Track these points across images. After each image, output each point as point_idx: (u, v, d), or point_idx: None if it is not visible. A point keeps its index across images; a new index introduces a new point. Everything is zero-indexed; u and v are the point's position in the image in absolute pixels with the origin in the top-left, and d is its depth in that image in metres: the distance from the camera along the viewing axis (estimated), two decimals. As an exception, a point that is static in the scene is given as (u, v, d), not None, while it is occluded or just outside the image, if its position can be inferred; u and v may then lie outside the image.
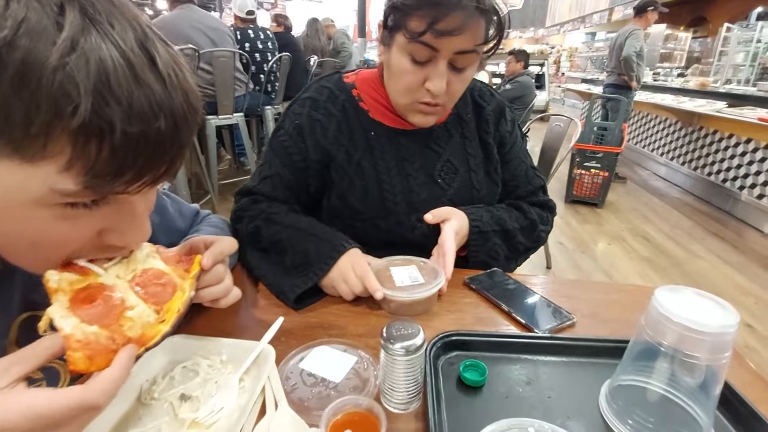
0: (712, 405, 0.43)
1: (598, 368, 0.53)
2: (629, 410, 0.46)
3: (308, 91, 0.83)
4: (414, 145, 0.82)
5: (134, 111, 0.30)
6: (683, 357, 0.42)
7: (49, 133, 0.29)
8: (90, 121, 0.29)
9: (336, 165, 0.80)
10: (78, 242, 0.37)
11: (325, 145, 0.79)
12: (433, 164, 0.82)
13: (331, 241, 0.71)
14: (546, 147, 2.48)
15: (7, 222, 0.33)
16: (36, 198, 0.31)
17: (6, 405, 0.31)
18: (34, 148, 0.29)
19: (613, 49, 3.85)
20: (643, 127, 4.88)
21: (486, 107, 0.87)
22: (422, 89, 0.70)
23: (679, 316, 0.39)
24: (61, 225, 0.34)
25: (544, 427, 0.40)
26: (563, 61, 11.59)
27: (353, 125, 0.81)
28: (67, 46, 0.28)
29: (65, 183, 0.31)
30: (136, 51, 0.31)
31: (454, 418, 0.46)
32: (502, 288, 0.71)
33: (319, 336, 0.58)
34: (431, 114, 0.75)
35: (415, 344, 0.44)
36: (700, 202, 3.72)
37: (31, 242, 0.35)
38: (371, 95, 0.82)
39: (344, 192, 0.80)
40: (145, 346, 0.38)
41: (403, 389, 0.46)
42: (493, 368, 0.53)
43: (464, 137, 0.85)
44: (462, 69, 0.70)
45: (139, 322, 0.38)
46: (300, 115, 0.81)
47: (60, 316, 0.35)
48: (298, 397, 0.49)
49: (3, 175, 0.30)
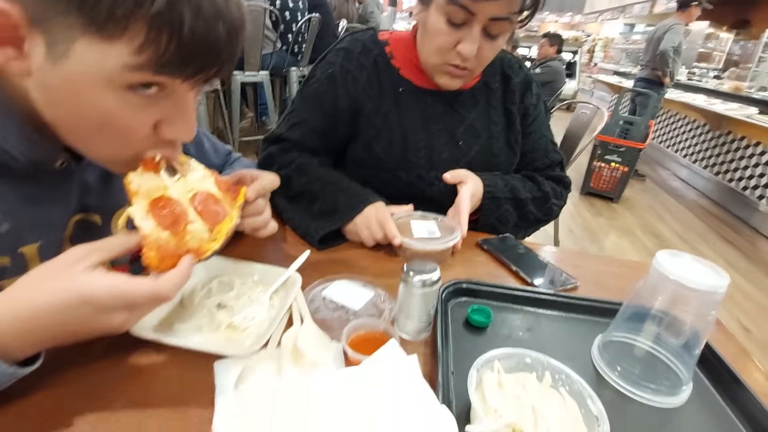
0: (693, 362, 0.48)
1: (593, 325, 0.58)
2: (618, 360, 0.51)
3: (342, 43, 0.87)
4: (440, 106, 0.85)
5: (201, 13, 0.35)
6: (672, 318, 0.47)
7: (129, 17, 0.33)
8: (164, 13, 0.34)
9: (364, 115, 0.84)
10: (138, 133, 0.41)
11: (355, 96, 0.83)
12: (456, 126, 0.85)
13: (359, 194, 0.76)
14: (569, 134, 2.46)
15: (79, 102, 0.38)
16: (108, 76, 0.36)
17: (92, 280, 0.37)
18: (115, 29, 0.34)
19: (651, 42, 3.74)
20: (670, 126, 4.77)
21: (514, 78, 0.89)
22: (453, 51, 0.73)
23: (675, 274, 0.44)
24: (126, 110, 0.39)
25: (541, 359, 0.45)
26: (597, 51, 11.20)
27: (383, 79, 0.84)
28: None
29: (137, 60, 0.35)
30: None
31: (459, 350, 0.52)
32: (512, 251, 0.76)
33: (340, 272, 0.64)
34: (458, 77, 0.78)
35: (431, 279, 0.49)
36: (716, 206, 3.68)
37: (98, 124, 0.39)
38: (404, 54, 0.85)
39: (370, 142, 0.84)
40: (198, 258, 0.43)
41: (416, 319, 0.51)
42: (498, 315, 0.58)
43: (489, 104, 0.88)
44: (494, 36, 0.72)
45: (196, 237, 0.44)
46: (333, 65, 0.84)
47: (140, 217, 0.41)
48: (321, 317, 0.54)
49: (83, 51, 0.35)
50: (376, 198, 0.76)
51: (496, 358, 0.45)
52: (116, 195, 0.56)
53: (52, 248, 0.48)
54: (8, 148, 0.40)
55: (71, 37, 0.34)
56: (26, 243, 0.45)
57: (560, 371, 0.44)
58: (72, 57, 0.35)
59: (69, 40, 0.34)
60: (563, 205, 0.95)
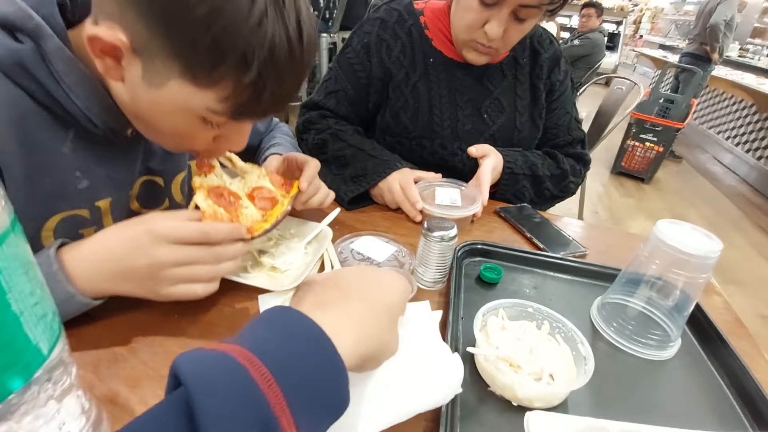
0: (682, 321, 0.53)
1: (594, 288, 0.63)
2: (614, 319, 0.56)
3: (378, 12, 0.90)
4: (468, 79, 0.88)
5: (283, 81, 0.41)
6: (665, 282, 0.52)
7: (223, 78, 0.39)
8: (253, 79, 0.39)
9: (394, 84, 0.88)
10: (202, 141, 0.49)
11: (388, 65, 0.87)
12: (482, 99, 0.89)
13: (388, 161, 0.82)
14: (602, 111, 2.40)
15: (158, 115, 0.45)
16: (190, 110, 0.43)
17: (183, 223, 0.44)
18: (207, 83, 0.40)
19: (701, 15, 3.52)
20: (714, 107, 4.52)
21: (543, 53, 0.90)
22: (481, 31, 0.76)
23: (672, 240, 0.48)
24: (195, 128, 0.46)
25: (542, 309, 0.51)
26: (644, 22, 10.49)
27: (416, 49, 0.88)
28: (255, 22, 0.36)
29: (217, 107, 0.41)
30: (294, 33, 0.39)
31: (470, 301, 0.58)
32: (528, 220, 0.80)
33: (366, 230, 0.71)
34: (485, 54, 0.81)
35: (449, 235, 0.55)
36: (755, 193, 3.54)
37: (169, 132, 0.47)
38: (437, 25, 0.88)
39: (398, 111, 0.89)
40: (251, 235, 0.50)
41: (433, 269, 0.58)
42: (508, 274, 0.64)
43: (516, 79, 0.90)
44: (522, 20, 0.75)
45: (249, 217, 0.53)
46: (369, 34, 0.88)
47: (200, 200, 0.50)
48: (349, 265, 0.62)
49: (174, 88, 0.40)
50: (403, 164, 0.81)
51: (501, 306, 0.51)
52: (177, 161, 0.63)
53: (121, 203, 0.56)
54: (91, 116, 0.46)
55: (168, 75, 0.40)
56: (101, 198, 0.52)
57: (558, 320, 0.50)
58: (164, 89, 0.41)
59: (165, 77, 0.40)
60: (581, 182, 0.98)
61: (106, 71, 0.42)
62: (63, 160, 0.47)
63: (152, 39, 0.38)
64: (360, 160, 0.83)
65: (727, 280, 2.27)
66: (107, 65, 0.41)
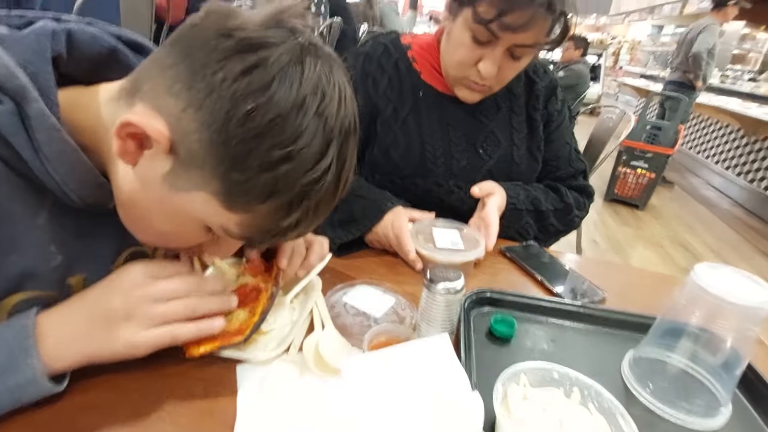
0: (733, 383, 0.45)
1: (622, 340, 0.56)
2: (650, 378, 0.48)
3: (364, 47, 0.86)
4: (460, 113, 0.83)
5: (311, 224, 0.40)
6: (710, 335, 0.45)
7: (259, 211, 0.36)
8: (290, 222, 0.37)
9: (382, 119, 0.83)
10: (188, 244, 0.44)
11: (375, 99, 0.82)
12: (476, 134, 0.84)
13: (376, 200, 0.75)
14: (593, 140, 2.40)
15: (159, 213, 0.39)
16: (202, 220, 0.38)
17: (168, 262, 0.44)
18: (240, 210, 0.36)
19: (683, 44, 3.62)
20: (701, 132, 4.60)
21: (538, 83, 0.87)
22: (474, 68, 0.72)
23: (715, 288, 0.41)
24: (191, 234, 0.41)
25: (570, 374, 0.44)
26: (623, 54, 10.93)
27: (404, 83, 0.83)
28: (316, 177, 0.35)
29: (234, 229, 0.38)
30: (342, 187, 0.39)
31: (481, 362, 0.50)
32: (537, 260, 0.74)
33: (360, 278, 0.63)
34: (478, 92, 0.77)
35: (455, 287, 0.48)
36: (752, 217, 3.52)
37: (159, 231, 0.42)
38: (426, 58, 0.84)
39: (387, 147, 0.83)
40: (243, 336, 0.46)
41: (438, 326, 0.50)
42: (522, 326, 0.56)
43: (512, 111, 0.86)
44: (517, 57, 0.71)
45: (237, 320, 0.49)
46: (353, 68, 0.84)
47: None
48: (342, 323, 0.54)
49: (199, 199, 0.36)
50: (393, 203, 0.75)
51: (522, 372, 0.43)
52: None
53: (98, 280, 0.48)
54: (68, 191, 0.39)
55: (199, 187, 0.36)
56: (74, 274, 0.45)
57: (589, 387, 0.43)
58: (186, 196, 0.37)
59: (196, 187, 0.36)
60: (585, 216, 0.92)
61: (123, 153, 0.36)
62: (36, 233, 0.40)
63: (203, 153, 0.34)
64: (346, 202, 0.76)
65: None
66: (127, 148, 0.36)
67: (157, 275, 0.42)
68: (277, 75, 0.33)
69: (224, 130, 0.33)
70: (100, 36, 0.43)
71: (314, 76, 0.34)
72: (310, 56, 0.35)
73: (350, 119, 0.38)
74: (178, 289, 0.43)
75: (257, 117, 0.32)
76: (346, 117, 0.37)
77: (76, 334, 0.39)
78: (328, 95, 0.35)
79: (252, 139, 0.33)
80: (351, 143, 0.38)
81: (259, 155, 0.33)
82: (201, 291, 0.44)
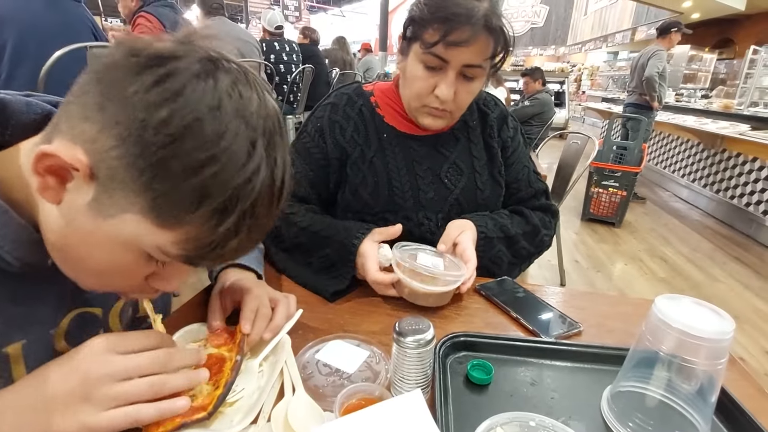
0: (710, 411, 0.45)
1: (600, 374, 0.55)
2: (630, 414, 0.48)
3: (329, 98, 0.90)
4: (424, 149, 0.87)
5: (253, 231, 0.38)
6: (681, 363, 0.44)
7: (191, 222, 0.34)
8: (227, 228, 0.35)
9: (351, 162, 0.86)
10: (133, 280, 0.41)
11: (342, 144, 0.86)
12: (440, 165, 0.87)
13: (345, 242, 0.75)
14: (563, 164, 2.49)
15: (93, 248, 0.37)
16: (137, 245, 0.36)
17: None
18: (173, 224, 0.35)
19: (635, 69, 3.85)
20: (665, 148, 4.82)
21: (490, 114, 0.92)
22: (432, 95, 0.76)
23: (677, 322, 0.42)
24: (133, 265, 0.39)
25: (545, 422, 0.42)
26: (584, 80, 11.55)
27: (369, 127, 0.87)
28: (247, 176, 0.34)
29: (171, 249, 0.36)
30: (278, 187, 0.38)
31: (460, 412, 0.49)
32: (511, 295, 0.74)
33: (334, 331, 0.62)
34: (440, 117, 0.80)
35: (425, 338, 0.47)
36: (722, 225, 3.64)
37: (99, 269, 0.39)
38: (387, 102, 0.88)
39: (357, 187, 0.85)
40: (207, 411, 0.44)
41: (413, 381, 0.49)
42: (500, 369, 0.55)
43: (470, 141, 0.90)
44: (470, 79, 0.76)
45: (200, 395, 0.46)
46: (321, 119, 0.88)
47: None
48: (314, 384, 0.52)
49: (130, 223, 0.35)
50: (361, 234, 0.75)
51: (498, 425, 0.42)
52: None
53: (41, 345, 0.45)
54: (3, 254, 0.38)
55: (126, 209, 0.34)
56: (12, 342, 0.42)
57: (567, 434, 0.41)
58: (115, 222, 0.35)
59: (121, 209, 0.34)
60: (553, 234, 0.94)
61: (44, 190, 0.35)
62: None
63: (123, 170, 0.33)
64: (319, 246, 0.78)
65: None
66: (47, 184, 0.35)
67: (120, 349, 0.40)
68: (189, 82, 0.32)
69: (141, 140, 0.32)
70: (36, 103, 0.43)
71: (228, 80, 0.34)
72: (221, 65, 0.35)
73: (273, 120, 0.37)
74: (143, 365, 0.40)
75: (173, 122, 0.31)
76: (269, 117, 0.36)
77: (22, 423, 0.37)
78: (246, 97, 0.35)
79: (171, 144, 0.32)
80: (279, 142, 0.37)
81: (181, 160, 0.32)
82: (169, 366, 0.42)
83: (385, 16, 8.57)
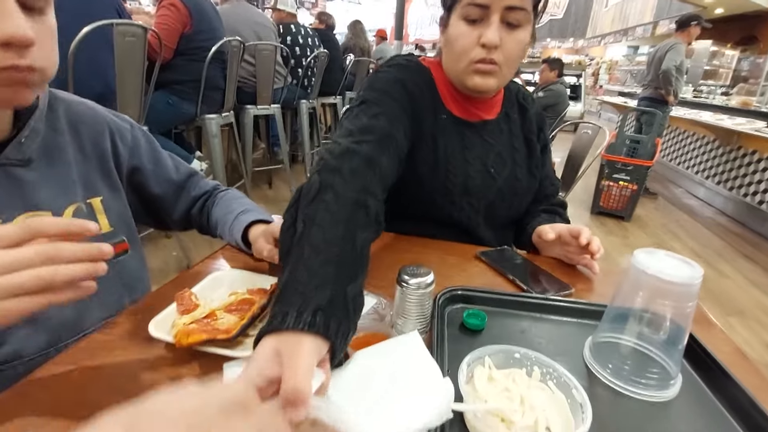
0: (679, 355, 0.50)
1: (584, 327, 0.60)
2: (609, 358, 0.53)
3: (396, 59, 0.88)
4: (474, 136, 0.89)
5: None
6: (651, 315, 0.49)
7: None
8: None
9: (417, 131, 0.83)
10: None
11: (416, 108, 0.82)
12: (487, 154, 0.89)
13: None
14: (573, 155, 2.50)
15: None
16: None
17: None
18: None
19: (652, 62, 3.80)
20: (679, 144, 4.76)
21: (530, 110, 0.96)
22: (477, 47, 0.76)
23: (653, 269, 0.46)
24: None
25: (530, 354, 0.48)
26: (602, 74, 11.36)
27: (432, 102, 0.86)
28: None
29: None
30: None
31: (454, 351, 0.54)
32: (509, 262, 0.78)
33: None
34: (488, 73, 0.78)
35: (426, 281, 0.53)
36: (734, 223, 3.62)
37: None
38: (442, 80, 0.88)
39: (416, 161, 0.84)
40: (230, 334, 0.51)
41: (412, 320, 0.54)
42: (493, 319, 0.61)
43: (511, 133, 0.93)
44: (514, 27, 0.75)
45: (226, 323, 0.55)
46: (397, 74, 0.83)
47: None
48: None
49: None
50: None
51: (486, 354, 0.48)
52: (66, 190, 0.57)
53: None
54: None
55: None
56: None
57: (548, 365, 0.47)
58: None
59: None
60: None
61: None
62: None
63: None
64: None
65: (727, 312, 2.24)
66: None
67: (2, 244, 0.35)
68: None
69: None
70: None
71: None
72: None
73: None
74: (27, 257, 0.35)
75: None
76: None
77: None
78: None
79: None
80: None
81: None
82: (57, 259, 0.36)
83: (402, 4, 8.51)
